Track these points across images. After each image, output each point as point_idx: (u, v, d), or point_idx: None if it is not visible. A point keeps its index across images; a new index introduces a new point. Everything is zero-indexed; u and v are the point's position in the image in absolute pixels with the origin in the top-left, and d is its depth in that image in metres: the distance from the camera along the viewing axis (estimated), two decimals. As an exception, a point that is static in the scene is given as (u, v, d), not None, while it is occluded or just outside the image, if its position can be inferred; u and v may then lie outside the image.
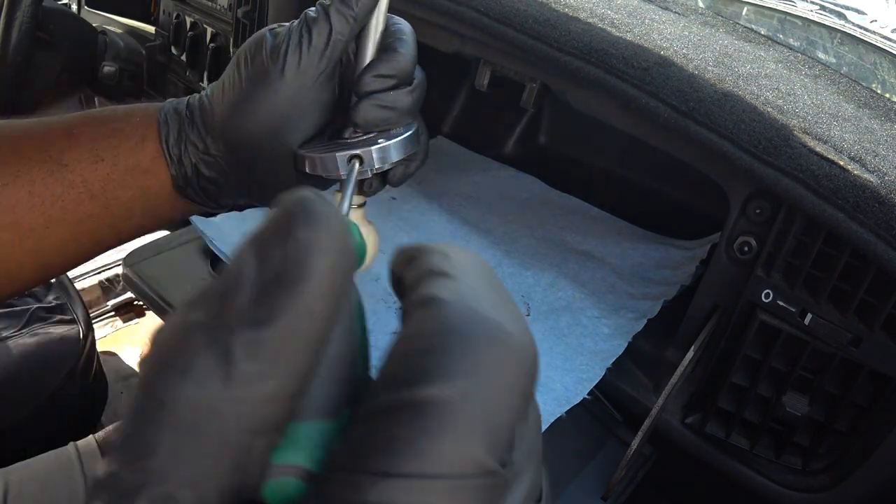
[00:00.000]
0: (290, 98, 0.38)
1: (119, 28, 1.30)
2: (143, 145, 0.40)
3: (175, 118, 0.41)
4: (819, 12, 1.12)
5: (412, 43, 0.39)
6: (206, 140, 0.40)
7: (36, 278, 0.42)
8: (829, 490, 0.58)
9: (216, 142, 0.40)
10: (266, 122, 0.38)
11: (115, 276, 1.54)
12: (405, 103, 0.39)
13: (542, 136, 1.12)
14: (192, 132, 0.40)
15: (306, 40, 0.37)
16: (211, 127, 0.40)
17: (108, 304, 1.52)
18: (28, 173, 0.39)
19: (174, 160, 0.40)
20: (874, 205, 0.50)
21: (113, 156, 0.40)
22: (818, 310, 0.55)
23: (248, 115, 0.38)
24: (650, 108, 0.58)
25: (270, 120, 0.38)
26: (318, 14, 0.38)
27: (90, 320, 1.01)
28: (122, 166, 0.40)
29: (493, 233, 0.84)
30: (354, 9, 0.37)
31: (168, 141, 0.40)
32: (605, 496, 0.60)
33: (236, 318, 0.15)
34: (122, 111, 0.41)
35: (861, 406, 0.56)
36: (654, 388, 0.65)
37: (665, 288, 0.75)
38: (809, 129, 0.55)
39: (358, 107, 0.38)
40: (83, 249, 0.42)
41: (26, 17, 0.97)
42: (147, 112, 0.41)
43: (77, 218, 0.40)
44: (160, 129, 0.40)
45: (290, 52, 0.37)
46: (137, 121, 0.41)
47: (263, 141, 0.39)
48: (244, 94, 0.38)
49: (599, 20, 0.65)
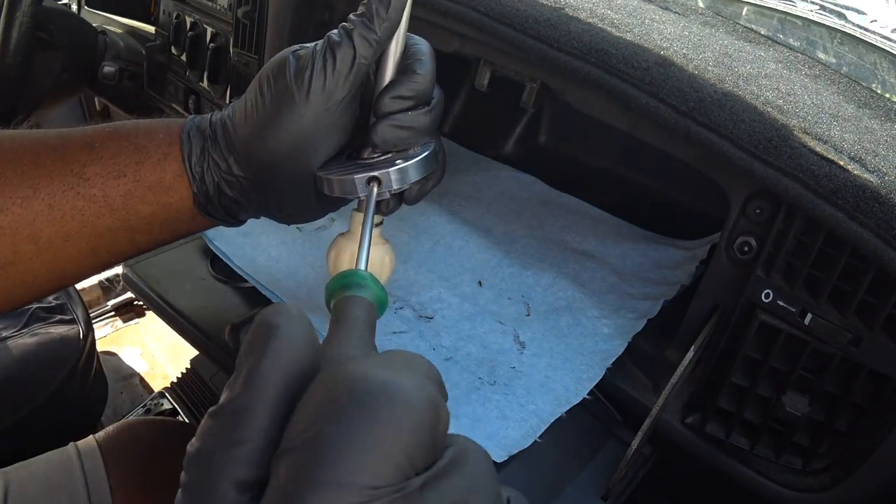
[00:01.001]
0: (314, 121, 0.38)
1: (119, 28, 1.30)
2: (166, 162, 0.40)
3: (198, 136, 0.41)
4: (819, 12, 1.12)
5: (431, 64, 0.40)
6: (228, 160, 0.41)
7: (52, 287, 0.42)
8: (829, 490, 0.58)
9: (238, 162, 0.41)
10: (289, 144, 0.39)
11: (115, 276, 1.54)
12: (423, 123, 0.39)
13: (542, 136, 1.12)
14: (214, 151, 0.41)
15: (331, 64, 0.38)
16: (234, 147, 0.40)
17: (108, 304, 1.52)
18: (48, 186, 0.39)
19: (197, 178, 0.41)
20: (874, 205, 0.50)
21: (135, 172, 0.40)
22: (818, 310, 0.55)
23: (271, 137, 0.39)
24: (650, 108, 0.58)
25: (293, 142, 0.39)
26: (341, 38, 0.38)
27: (90, 320, 1.01)
28: (145, 183, 0.40)
29: (493, 233, 0.84)
30: (378, 32, 0.38)
31: (191, 159, 0.41)
32: (605, 496, 0.60)
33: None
34: (145, 127, 0.42)
35: (861, 406, 0.56)
36: (654, 388, 0.65)
37: (665, 288, 0.75)
38: (809, 129, 0.55)
39: (376, 128, 0.38)
40: (101, 261, 0.42)
41: (26, 17, 0.97)
42: (170, 129, 0.41)
43: (96, 232, 0.40)
44: (183, 148, 0.41)
45: (315, 76, 0.37)
46: (161, 137, 0.41)
47: (285, 162, 0.39)
48: (268, 116, 0.39)
49: (599, 20, 0.65)
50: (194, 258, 0.77)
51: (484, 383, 0.61)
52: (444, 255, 0.78)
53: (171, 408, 1.15)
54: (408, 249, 0.78)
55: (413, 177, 0.40)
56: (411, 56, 0.40)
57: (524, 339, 0.67)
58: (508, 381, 0.61)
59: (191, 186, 0.41)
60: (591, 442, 0.65)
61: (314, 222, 0.76)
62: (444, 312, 0.69)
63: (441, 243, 0.80)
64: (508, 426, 0.57)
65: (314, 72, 0.38)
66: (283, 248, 0.73)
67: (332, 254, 0.45)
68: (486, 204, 0.91)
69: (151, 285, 0.75)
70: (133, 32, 1.28)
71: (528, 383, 0.61)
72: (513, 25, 0.64)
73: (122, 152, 0.40)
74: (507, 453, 0.54)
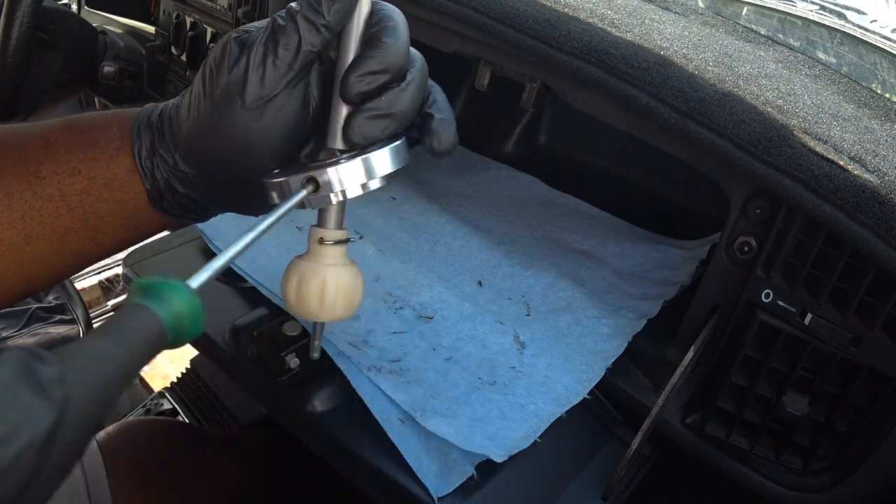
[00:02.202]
0: (255, 119, 0.35)
1: (119, 28, 1.30)
2: (119, 158, 0.38)
3: (148, 131, 0.38)
4: (819, 12, 1.12)
5: (403, 29, 0.35)
6: (175, 156, 0.38)
7: (21, 291, 0.41)
8: (829, 490, 0.58)
9: (184, 158, 0.38)
10: (230, 145, 0.36)
11: (115, 276, 1.54)
12: (404, 105, 0.34)
13: (542, 136, 1.12)
14: (162, 147, 0.38)
15: (272, 54, 0.34)
16: (178, 143, 0.38)
17: (108, 304, 1.52)
18: (7, 186, 0.37)
19: (148, 175, 0.38)
20: (874, 205, 0.50)
21: (89, 168, 0.38)
22: (818, 310, 0.55)
23: (211, 135, 0.36)
24: (650, 108, 0.58)
25: (235, 142, 0.35)
26: (285, 21, 0.34)
27: (90, 320, 1.01)
28: (99, 180, 0.38)
29: (493, 233, 0.84)
30: (326, 16, 0.33)
31: (141, 154, 0.38)
32: (605, 496, 0.60)
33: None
34: (101, 120, 0.39)
35: (861, 406, 0.56)
36: (654, 388, 0.65)
37: (665, 288, 0.75)
38: (809, 129, 0.55)
39: (351, 124, 0.34)
40: (67, 263, 0.40)
41: (26, 17, 0.97)
42: (123, 122, 0.39)
43: (57, 233, 0.38)
44: (133, 142, 0.38)
45: (253, 69, 0.34)
46: (114, 131, 0.39)
47: (231, 162, 0.36)
48: (206, 113, 0.35)
49: (599, 20, 0.65)
50: (194, 258, 0.77)
51: (484, 383, 0.61)
52: (444, 255, 0.78)
53: (171, 408, 1.15)
54: (408, 249, 0.78)
55: (369, 176, 0.34)
56: (377, 23, 0.34)
57: (524, 339, 0.67)
58: (508, 381, 0.61)
59: (143, 183, 0.38)
60: (591, 442, 0.65)
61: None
62: (444, 312, 0.69)
63: (441, 243, 0.80)
64: (508, 426, 0.57)
65: (252, 63, 0.34)
66: (282, 248, 0.73)
67: (293, 280, 0.39)
68: (486, 204, 0.91)
69: (151, 285, 0.74)
70: (133, 32, 1.28)
71: (528, 383, 0.61)
72: (513, 25, 0.64)
73: (76, 148, 0.38)
74: (507, 453, 0.54)
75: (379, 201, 0.87)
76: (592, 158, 1.07)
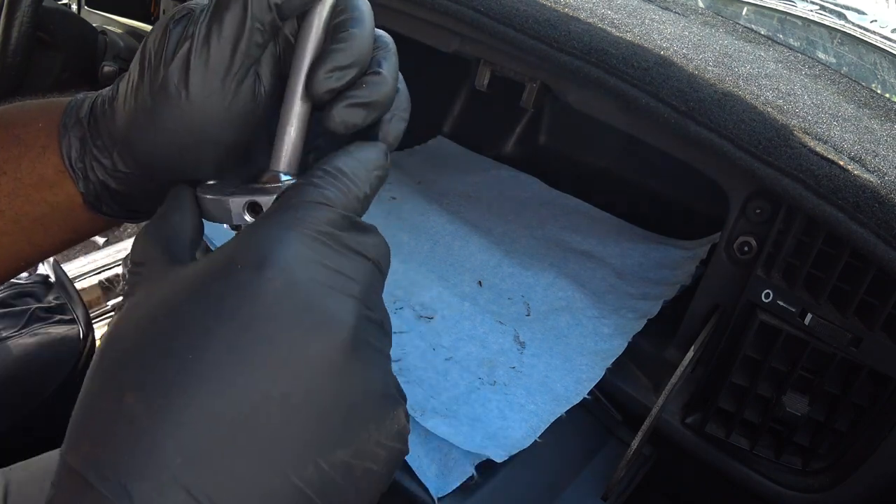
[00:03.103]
0: (202, 110, 0.31)
1: (119, 28, 1.30)
2: (45, 157, 0.34)
3: (77, 127, 0.34)
4: (819, 12, 1.12)
5: (369, 18, 0.32)
6: (112, 155, 0.34)
7: None
8: (829, 490, 0.58)
9: (123, 158, 0.34)
10: (177, 139, 0.32)
11: (115, 276, 1.54)
12: (384, 93, 0.31)
13: (542, 136, 1.12)
14: (95, 145, 0.34)
15: (216, 33, 0.30)
16: (115, 140, 0.33)
17: (108, 304, 1.52)
18: None
19: (80, 176, 0.34)
20: (874, 205, 0.50)
21: (14, 168, 0.34)
22: (818, 310, 0.55)
23: (152, 131, 0.32)
24: (650, 108, 0.58)
25: (181, 137, 0.32)
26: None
27: (90, 320, 1.01)
28: (26, 181, 0.34)
29: (493, 233, 0.84)
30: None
31: (70, 155, 0.34)
32: (605, 496, 0.60)
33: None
34: (27, 114, 0.36)
35: (861, 406, 0.56)
36: (654, 388, 0.65)
37: (665, 288, 0.75)
38: (809, 129, 0.55)
39: (331, 113, 0.30)
40: (6, 266, 0.36)
41: (26, 17, 0.97)
42: (50, 116, 0.35)
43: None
44: (61, 141, 0.34)
45: (196, 54, 0.30)
46: (40, 127, 0.35)
47: (178, 159, 0.33)
48: (146, 105, 0.31)
49: (599, 20, 0.65)
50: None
51: (484, 383, 0.61)
52: (444, 255, 0.78)
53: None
54: (408, 249, 0.78)
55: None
56: (342, 11, 0.31)
57: (524, 339, 0.67)
58: (508, 381, 0.61)
59: (75, 185, 0.34)
60: (591, 442, 0.65)
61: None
62: (444, 312, 0.69)
63: (441, 243, 0.80)
64: (508, 426, 0.57)
65: (195, 47, 0.30)
66: None
67: None
68: (486, 204, 0.91)
69: (151, 285, 0.74)
70: (133, 32, 1.28)
71: (528, 383, 0.61)
72: (513, 25, 0.64)
73: (1, 146, 0.34)
74: (507, 453, 0.54)
75: (379, 201, 0.87)
76: (592, 158, 1.07)
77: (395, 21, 0.76)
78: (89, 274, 1.52)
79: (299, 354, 0.23)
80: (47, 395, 0.91)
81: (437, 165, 1.00)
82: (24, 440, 0.88)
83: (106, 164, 0.34)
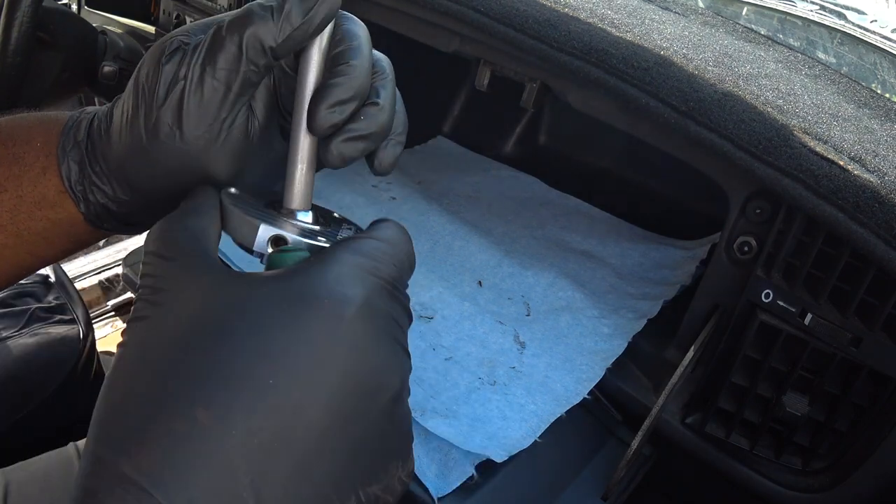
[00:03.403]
0: (196, 150, 0.31)
1: (119, 28, 1.30)
2: (46, 178, 0.34)
3: (75, 151, 0.34)
4: (819, 12, 1.12)
5: (367, 46, 0.31)
6: (111, 183, 0.34)
7: None
8: (829, 490, 0.58)
9: (121, 186, 0.34)
10: (172, 177, 0.32)
11: (115, 276, 1.54)
12: (381, 123, 0.31)
13: (542, 136, 1.12)
14: (94, 171, 0.34)
15: (210, 73, 0.30)
16: (112, 169, 0.33)
17: (108, 304, 1.52)
18: None
19: (80, 198, 0.34)
20: (874, 205, 0.50)
21: (16, 186, 0.34)
22: (818, 310, 0.55)
23: (147, 167, 0.32)
24: (650, 108, 0.58)
25: (176, 175, 0.32)
26: (228, 33, 0.30)
27: (90, 320, 1.01)
28: (28, 199, 0.34)
29: (493, 233, 0.84)
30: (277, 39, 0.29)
31: (70, 178, 0.34)
32: (605, 496, 0.60)
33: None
34: (24, 131, 0.35)
35: (861, 406, 0.56)
36: (654, 388, 0.65)
37: (665, 288, 0.75)
38: (809, 129, 0.55)
39: (329, 147, 0.30)
40: (7, 274, 0.37)
41: (26, 17, 0.97)
42: (49, 135, 0.35)
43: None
44: (59, 163, 0.34)
45: (190, 95, 0.30)
46: (39, 146, 0.34)
47: (174, 191, 0.32)
48: (139, 141, 0.31)
49: (599, 20, 0.65)
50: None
51: (484, 383, 0.61)
52: (444, 255, 0.78)
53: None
54: (408, 249, 0.78)
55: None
56: (340, 41, 0.31)
57: (524, 339, 0.67)
58: (508, 381, 0.61)
59: (76, 206, 0.34)
60: (591, 442, 0.65)
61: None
62: (444, 312, 0.69)
63: (441, 243, 0.80)
64: (508, 426, 0.57)
65: (188, 89, 0.30)
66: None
67: None
68: (486, 204, 0.92)
69: (151, 285, 0.74)
70: (133, 32, 1.28)
71: (528, 383, 0.61)
72: (513, 25, 0.64)
73: (1, 163, 0.34)
74: (507, 453, 0.54)
75: (379, 202, 0.87)
76: (592, 158, 1.07)
77: (394, 21, 0.76)
78: (89, 274, 1.52)
79: (361, 393, 0.24)
80: (47, 395, 0.91)
81: (437, 165, 1.00)
82: (24, 440, 0.88)
83: (105, 189, 0.34)
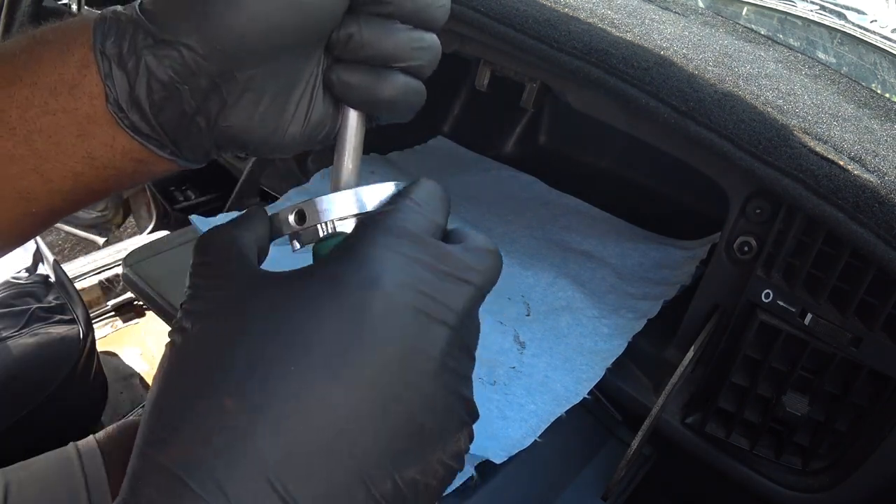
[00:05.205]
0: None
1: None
2: (70, 52, 0.29)
3: (115, 21, 0.29)
4: (819, 12, 1.12)
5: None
6: (190, 38, 0.28)
7: None
8: (829, 490, 0.58)
9: (194, 38, 0.28)
10: (269, 16, 0.28)
11: (115, 276, 1.54)
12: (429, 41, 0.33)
13: (542, 136, 1.12)
14: (143, 31, 0.29)
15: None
16: (181, 21, 0.28)
17: (108, 304, 1.52)
18: None
19: (113, 62, 0.29)
20: (874, 205, 0.50)
21: (33, 73, 0.29)
22: (818, 310, 0.55)
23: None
24: (650, 108, 0.58)
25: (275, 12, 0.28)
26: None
27: (90, 320, 1.01)
28: (43, 84, 0.29)
29: (493, 233, 0.84)
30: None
31: (105, 43, 0.29)
32: (605, 496, 0.60)
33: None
34: (57, 23, 0.31)
35: (861, 406, 0.56)
36: (654, 388, 0.65)
37: (665, 288, 0.75)
38: (809, 129, 0.55)
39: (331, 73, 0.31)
40: (13, 209, 0.32)
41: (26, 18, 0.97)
42: (86, 17, 0.30)
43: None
44: (95, 29, 0.29)
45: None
46: (70, 26, 0.30)
47: (259, 37, 0.28)
48: None
49: (599, 20, 0.65)
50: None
51: (484, 383, 0.61)
52: (444, 255, 0.78)
53: (171, 408, 1.15)
54: (408, 249, 0.78)
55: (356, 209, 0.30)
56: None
57: (524, 339, 0.67)
58: (508, 381, 0.61)
59: (99, 74, 0.29)
60: (591, 442, 0.65)
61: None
62: (444, 312, 0.68)
63: (441, 243, 0.80)
64: (508, 426, 0.57)
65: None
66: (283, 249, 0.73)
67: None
68: (486, 204, 0.91)
69: (151, 285, 0.74)
70: (133, 32, 1.28)
71: (528, 383, 0.61)
72: (513, 25, 0.64)
73: (19, 50, 0.30)
74: (507, 453, 0.54)
75: (379, 201, 0.86)
76: (592, 158, 1.07)
77: (395, 21, 0.76)
78: (89, 274, 1.52)
79: (390, 378, 0.24)
80: (47, 395, 0.91)
81: (437, 165, 1.00)
82: (24, 440, 0.88)
83: (174, 55, 0.28)
